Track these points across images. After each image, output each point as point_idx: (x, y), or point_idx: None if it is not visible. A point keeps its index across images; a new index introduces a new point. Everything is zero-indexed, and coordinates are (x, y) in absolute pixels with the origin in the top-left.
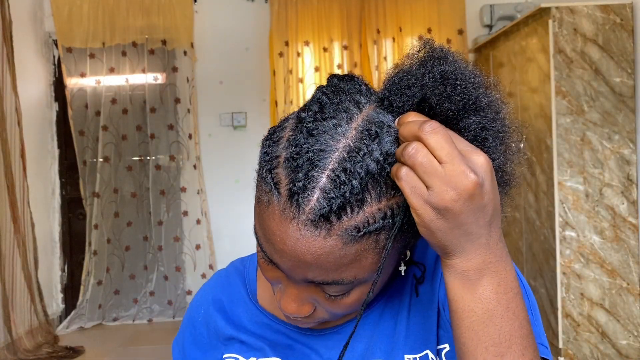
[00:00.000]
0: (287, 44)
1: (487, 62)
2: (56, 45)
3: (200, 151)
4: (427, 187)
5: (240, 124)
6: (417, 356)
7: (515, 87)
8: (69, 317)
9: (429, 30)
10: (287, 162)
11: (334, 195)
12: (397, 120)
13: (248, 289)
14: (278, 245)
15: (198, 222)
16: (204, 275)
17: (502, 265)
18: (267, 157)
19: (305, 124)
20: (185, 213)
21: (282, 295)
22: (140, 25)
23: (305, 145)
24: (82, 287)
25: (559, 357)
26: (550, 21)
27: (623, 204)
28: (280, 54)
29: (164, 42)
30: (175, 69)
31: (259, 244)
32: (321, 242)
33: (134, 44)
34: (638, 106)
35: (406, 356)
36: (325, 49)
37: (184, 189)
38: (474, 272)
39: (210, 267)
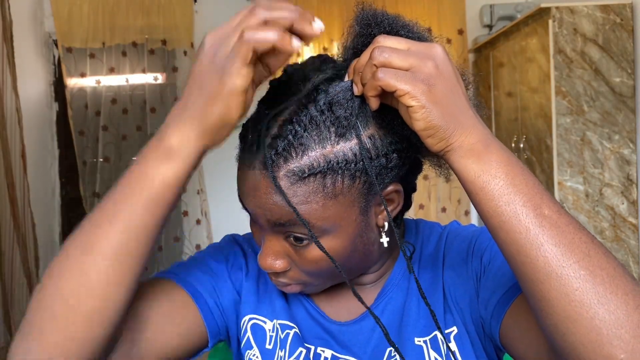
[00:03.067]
0: None
1: (487, 62)
2: (56, 45)
3: None
4: (406, 69)
5: (240, 123)
6: (426, 339)
7: (515, 87)
8: None
9: (429, 30)
10: (251, 122)
11: (280, 140)
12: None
13: None
14: (243, 189)
15: (198, 222)
16: None
17: (494, 136)
18: (243, 124)
19: (270, 88)
20: (186, 213)
21: (260, 253)
22: (140, 25)
23: (266, 104)
24: None
25: None
26: (550, 21)
27: (623, 204)
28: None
29: (164, 42)
30: (175, 69)
31: (239, 198)
32: (272, 182)
33: (134, 44)
34: (638, 106)
35: (416, 339)
36: (325, 49)
37: (184, 189)
38: (481, 143)
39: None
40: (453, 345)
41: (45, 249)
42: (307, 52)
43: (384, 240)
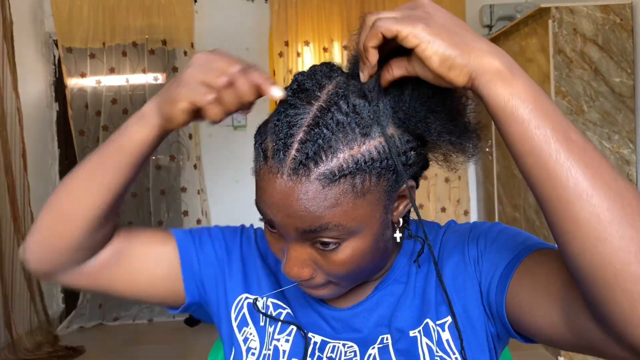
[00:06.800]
0: (287, 44)
1: None
2: (56, 45)
3: (200, 151)
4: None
5: (240, 124)
6: (420, 328)
7: None
8: (69, 317)
9: None
10: (271, 129)
11: (309, 145)
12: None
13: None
14: (269, 200)
15: (198, 222)
16: None
17: (515, 62)
18: (258, 136)
19: (285, 99)
20: (186, 213)
21: (286, 263)
22: (141, 25)
23: (285, 112)
24: None
25: (559, 357)
26: (550, 21)
27: None
28: (280, 54)
29: (164, 42)
30: (175, 69)
31: (258, 210)
32: (303, 187)
33: (134, 44)
34: (638, 106)
35: (411, 332)
36: (325, 49)
37: (184, 189)
38: (506, 67)
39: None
40: (447, 334)
41: None
42: (307, 53)
43: (398, 235)
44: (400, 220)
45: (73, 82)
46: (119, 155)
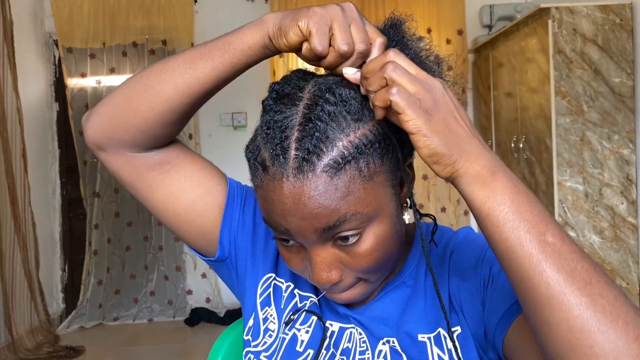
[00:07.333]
0: None
1: (487, 63)
2: (57, 45)
3: (200, 151)
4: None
5: (240, 124)
6: (430, 335)
7: (514, 87)
8: (69, 317)
9: (429, 31)
10: (263, 140)
11: (307, 140)
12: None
13: None
14: (279, 208)
15: None
16: (204, 275)
17: (503, 164)
18: (250, 153)
19: (268, 107)
20: None
21: (312, 271)
22: (141, 25)
23: (272, 120)
24: (82, 287)
25: None
26: (549, 21)
27: (622, 204)
28: (280, 54)
29: (164, 42)
30: None
31: (269, 227)
32: (312, 184)
33: (135, 44)
34: (637, 106)
35: (420, 335)
36: None
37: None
38: (486, 170)
39: (210, 267)
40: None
41: (46, 249)
42: None
43: (407, 217)
44: (408, 201)
45: (73, 82)
46: (224, 51)
